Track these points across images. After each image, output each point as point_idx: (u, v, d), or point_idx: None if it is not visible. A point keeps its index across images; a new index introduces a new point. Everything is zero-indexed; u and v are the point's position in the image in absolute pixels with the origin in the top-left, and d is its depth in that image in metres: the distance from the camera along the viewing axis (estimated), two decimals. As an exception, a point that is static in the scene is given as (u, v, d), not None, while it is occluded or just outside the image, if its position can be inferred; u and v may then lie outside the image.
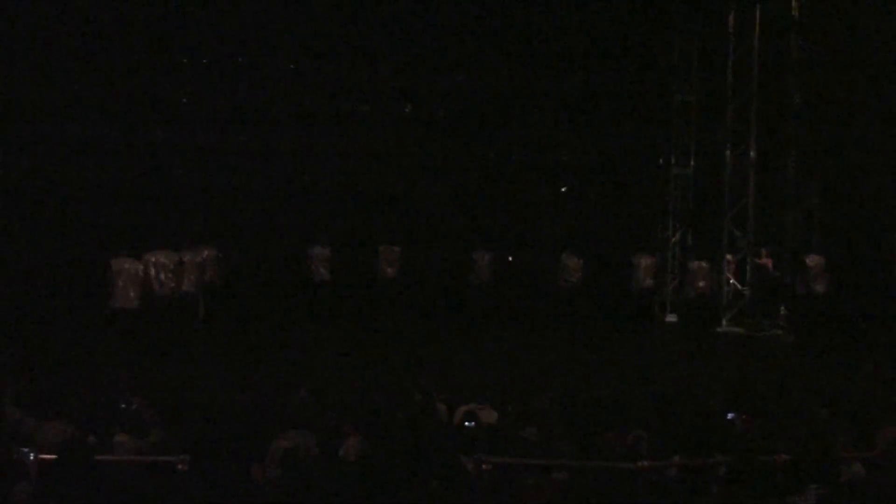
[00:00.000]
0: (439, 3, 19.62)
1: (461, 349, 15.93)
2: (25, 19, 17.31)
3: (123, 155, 18.70)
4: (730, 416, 9.52)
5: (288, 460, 7.22)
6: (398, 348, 15.80)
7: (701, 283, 18.24)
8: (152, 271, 14.87)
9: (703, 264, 19.18)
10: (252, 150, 19.37)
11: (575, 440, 8.16)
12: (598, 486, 6.93)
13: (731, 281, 19.20)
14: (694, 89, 20.24)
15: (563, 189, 21.04)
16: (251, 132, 19.28)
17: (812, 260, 18.05)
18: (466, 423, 8.69)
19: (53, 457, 6.44)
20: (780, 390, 11.59)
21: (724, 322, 19.02)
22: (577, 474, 7.18)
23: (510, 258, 19.90)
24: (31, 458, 6.66)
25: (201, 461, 6.74)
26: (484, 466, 6.96)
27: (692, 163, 20.40)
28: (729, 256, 19.27)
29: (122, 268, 14.18)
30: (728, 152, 19.22)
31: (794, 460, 7.07)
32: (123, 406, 8.72)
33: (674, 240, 20.36)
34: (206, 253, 16.56)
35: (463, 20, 19.87)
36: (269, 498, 6.58)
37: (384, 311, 18.37)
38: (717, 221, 19.31)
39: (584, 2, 19.90)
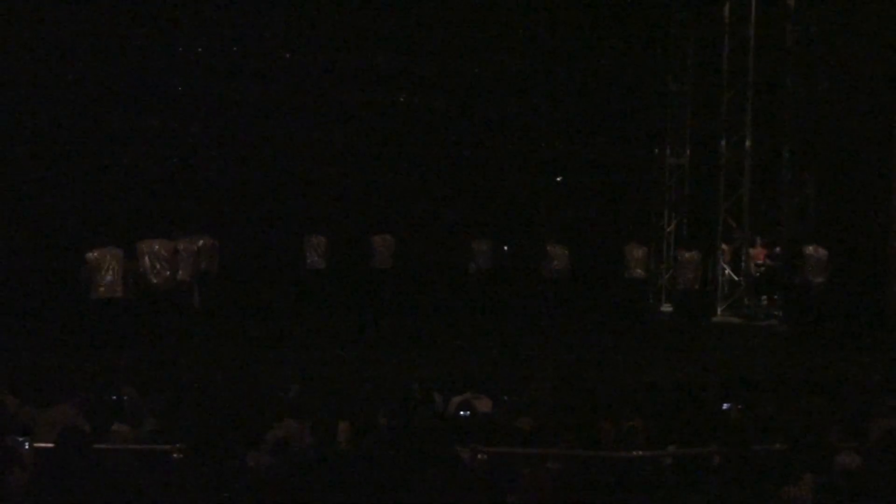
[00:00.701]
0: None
1: (456, 338, 15.91)
2: (14, 7, 17.22)
3: (117, 143, 18.63)
4: (725, 405, 9.56)
5: (281, 449, 7.24)
6: (393, 337, 15.79)
7: (690, 275, 18.19)
8: (147, 260, 14.79)
9: (693, 254, 19.07)
10: (247, 138, 19.31)
11: (570, 430, 8.18)
12: (593, 475, 6.95)
13: (727, 271, 19.23)
14: (689, 79, 20.24)
15: (558, 179, 21.02)
16: (246, 121, 19.22)
17: (808, 250, 18.04)
18: (461, 413, 8.70)
19: (50, 445, 6.44)
20: (775, 380, 11.64)
21: (719, 312, 19.06)
22: (572, 464, 7.20)
23: (505, 247, 19.89)
24: (27, 446, 6.66)
25: (197, 450, 6.75)
26: (479, 456, 6.96)
27: (687, 153, 20.41)
28: (724, 246, 19.31)
29: (101, 259, 13.94)
30: (723, 142, 19.22)
31: (789, 450, 7.10)
32: (115, 398, 8.72)
33: (669, 229, 20.38)
34: (201, 241, 16.51)
35: (457, 9, 19.82)
36: (264, 486, 6.59)
37: (379, 300, 18.34)
38: (712, 211, 19.31)
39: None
